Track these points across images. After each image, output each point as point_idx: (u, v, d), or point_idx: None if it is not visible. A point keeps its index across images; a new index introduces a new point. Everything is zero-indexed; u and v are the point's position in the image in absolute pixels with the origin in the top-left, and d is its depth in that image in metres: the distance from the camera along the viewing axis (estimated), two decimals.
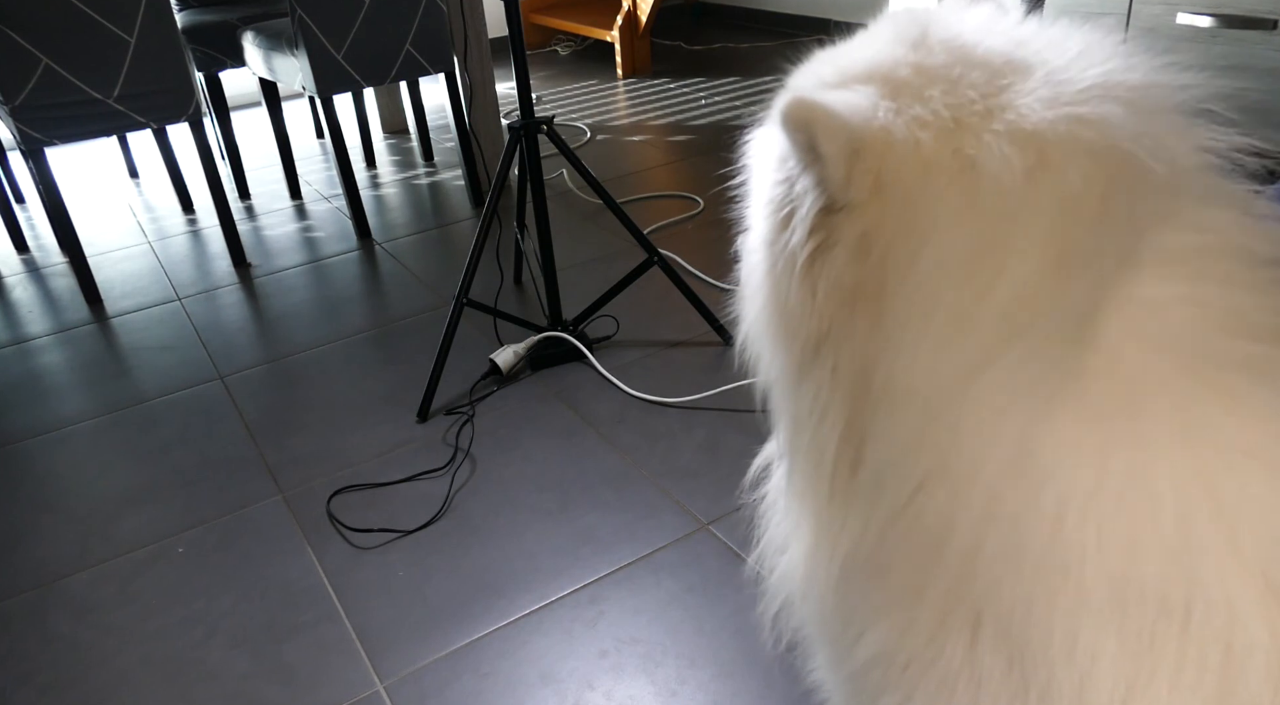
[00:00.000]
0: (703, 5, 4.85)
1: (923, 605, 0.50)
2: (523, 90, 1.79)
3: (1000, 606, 0.47)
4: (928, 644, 0.50)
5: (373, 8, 2.37)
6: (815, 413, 0.53)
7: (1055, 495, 0.45)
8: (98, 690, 1.25)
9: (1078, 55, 0.49)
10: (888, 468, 0.50)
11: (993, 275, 0.46)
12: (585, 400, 1.77)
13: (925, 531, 0.49)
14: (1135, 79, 0.48)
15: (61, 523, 1.58)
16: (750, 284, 0.58)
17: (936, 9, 0.54)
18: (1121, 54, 0.50)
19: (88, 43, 2.13)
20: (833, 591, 0.56)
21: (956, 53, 0.50)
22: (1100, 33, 0.51)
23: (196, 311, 2.27)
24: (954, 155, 0.47)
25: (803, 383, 0.53)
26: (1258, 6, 1.92)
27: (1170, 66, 0.49)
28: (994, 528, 0.46)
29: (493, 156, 2.75)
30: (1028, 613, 0.46)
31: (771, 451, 0.71)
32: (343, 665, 1.25)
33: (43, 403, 1.94)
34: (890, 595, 0.53)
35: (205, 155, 2.41)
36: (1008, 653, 0.48)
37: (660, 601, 1.30)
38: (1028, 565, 0.46)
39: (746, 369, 0.62)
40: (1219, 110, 0.49)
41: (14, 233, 2.72)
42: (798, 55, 0.56)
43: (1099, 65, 0.48)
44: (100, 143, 3.39)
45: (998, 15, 0.53)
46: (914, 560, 0.51)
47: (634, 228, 1.91)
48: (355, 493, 1.58)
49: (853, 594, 0.55)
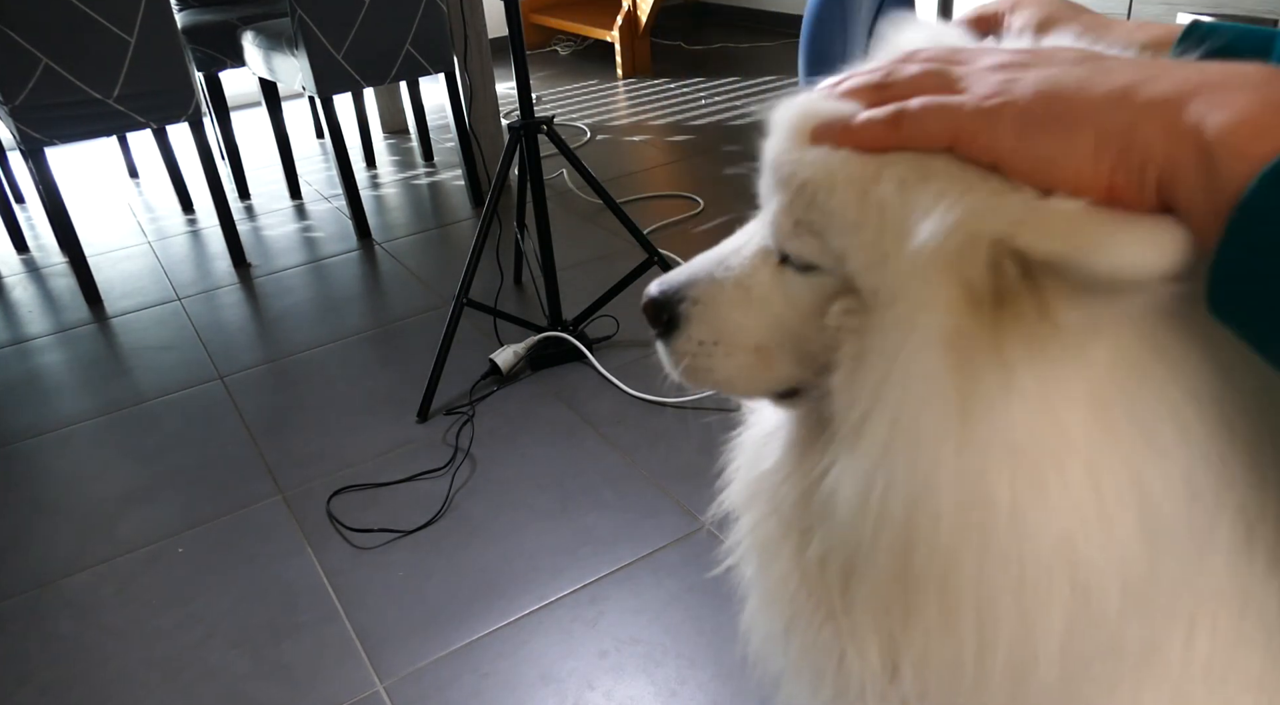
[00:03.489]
0: (703, 5, 4.85)
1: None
2: (523, 90, 1.79)
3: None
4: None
5: (373, 8, 2.36)
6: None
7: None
8: (98, 690, 1.25)
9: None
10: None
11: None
12: (585, 400, 1.77)
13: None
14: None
15: (61, 523, 1.58)
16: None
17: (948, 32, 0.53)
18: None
19: (88, 43, 2.13)
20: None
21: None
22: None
23: (196, 311, 2.27)
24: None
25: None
26: (1257, 7, 1.92)
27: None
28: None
29: (493, 156, 2.75)
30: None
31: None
32: (343, 665, 1.25)
33: (43, 403, 1.94)
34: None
35: (205, 155, 2.41)
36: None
37: (660, 601, 1.30)
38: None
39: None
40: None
41: (14, 233, 2.72)
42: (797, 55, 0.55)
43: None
44: (100, 143, 3.38)
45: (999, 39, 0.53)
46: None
47: (634, 228, 1.91)
48: (355, 493, 1.58)
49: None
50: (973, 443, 0.39)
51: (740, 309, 0.51)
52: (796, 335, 0.49)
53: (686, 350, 0.53)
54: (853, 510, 0.43)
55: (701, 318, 0.52)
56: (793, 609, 0.51)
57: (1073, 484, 0.39)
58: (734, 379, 0.53)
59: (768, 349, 0.51)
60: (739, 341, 0.51)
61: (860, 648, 0.47)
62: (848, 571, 0.46)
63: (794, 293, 0.48)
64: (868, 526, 0.43)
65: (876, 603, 0.45)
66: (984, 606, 0.41)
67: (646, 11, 3.82)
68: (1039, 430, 0.38)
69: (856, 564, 0.45)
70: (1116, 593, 0.40)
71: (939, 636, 0.43)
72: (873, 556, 0.43)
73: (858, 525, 0.43)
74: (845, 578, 0.46)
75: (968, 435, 0.39)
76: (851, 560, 0.45)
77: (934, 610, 0.43)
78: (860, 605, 0.46)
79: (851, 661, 0.47)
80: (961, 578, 0.41)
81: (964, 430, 0.39)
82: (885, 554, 0.43)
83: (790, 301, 0.48)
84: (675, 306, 0.53)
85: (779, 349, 0.50)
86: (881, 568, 0.43)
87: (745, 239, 0.52)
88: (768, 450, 0.56)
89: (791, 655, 0.54)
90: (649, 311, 0.54)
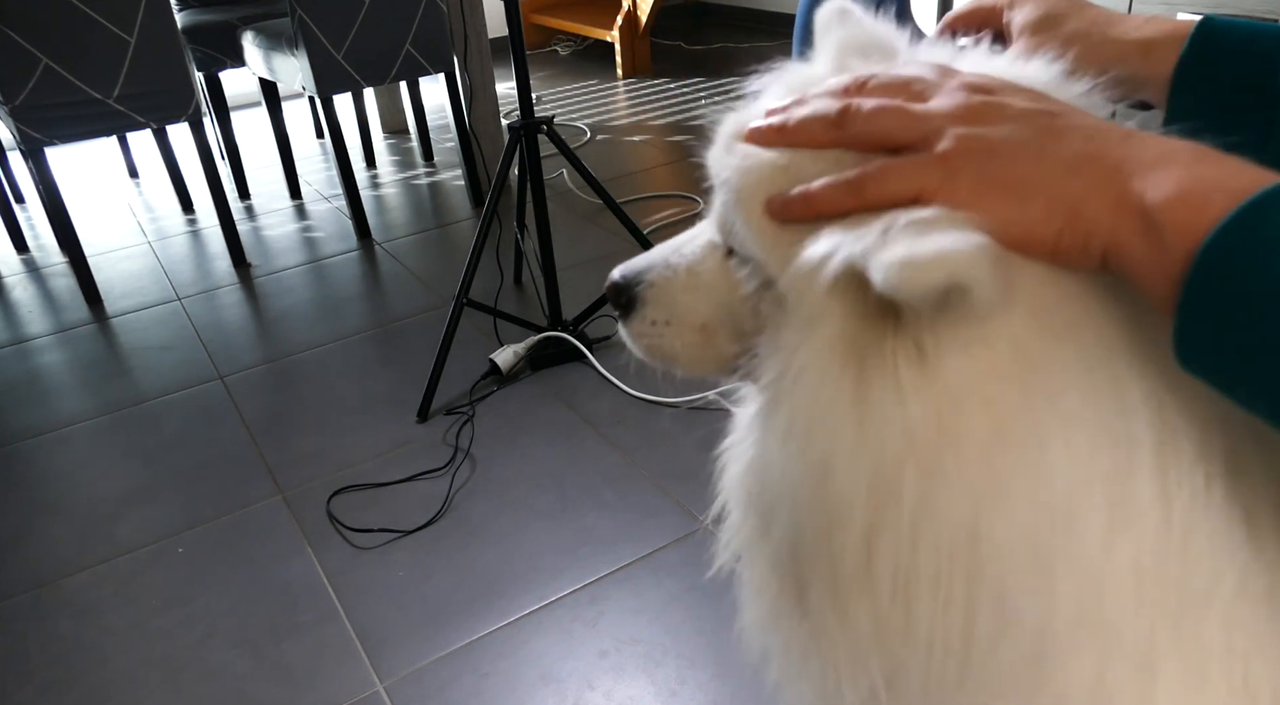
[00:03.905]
0: (703, 5, 4.85)
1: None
2: (523, 90, 1.79)
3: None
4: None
5: (373, 8, 2.36)
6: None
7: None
8: (98, 690, 1.25)
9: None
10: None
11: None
12: (585, 400, 1.77)
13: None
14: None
15: (61, 523, 1.58)
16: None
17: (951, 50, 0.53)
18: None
19: (88, 43, 2.13)
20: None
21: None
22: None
23: (196, 311, 2.27)
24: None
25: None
26: (1257, 7, 1.92)
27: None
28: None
29: (493, 156, 2.75)
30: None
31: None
32: (343, 665, 1.25)
33: (43, 403, 1.94)
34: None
35: (205, 155, 2.41)
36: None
37: (660, 601, 1.30)
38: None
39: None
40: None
41: (14, 233, 2.72)
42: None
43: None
44: (100, 143, 3.38)
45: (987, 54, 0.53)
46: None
47: (634, 228, 1.91)
48: (355, 493, 1.58)
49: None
50: (869, 436, 0.42)
51: (690, 292, 0.56)
52: (736, 316, 0.53)
53: (642, 330, 0.58)
54: (774, 500, 0.47)
55: (656, 299, 0.57)
56: (775, 604, 0.53)
57: (971, 471, 0.41)
58: (682, 355, 0.58)
59: (712, 328, 0.55)
60: (688, 321, 0.56)
61: (826, 638, 0.48)
62: (799, 565, 0.48)
63: (735, 280, 0.52)
64: (791, 515, 0.46)
65: (825, 591, 0.47)
66: (914, 587, 0.43)
67: (646, 11, 3.82)
68: (932, 423, 0.41)
69: (799, 556, 0.47)
70: (1027, 571, 0.42)
71: (885, 619, 0.45)
72: (803, 546, 0.46)
73: (785, 514, 0.46)
74: (802, 571, 0.48)
75: (864, 430, 0.42)
76: (795, 553, 0.47)
77: (871, 594, 0.44)
78: (815, 596, 0.48)
79: (823, 653, 0.49)
80: (883, 560, 0.43)
81: (860, 426, 0.42)
82: (810, 542, 0.45)
83: (732, 288, 0.53)
84: (633, 289, 0.58)
85: (721, 328, 0.55)
86: (814, 557, 0.46)
87: (699, 230, 0.57)
88: (743, 452, 0.58)
89: (778, 650, 0.56)
90: (610, 293, 0.59)
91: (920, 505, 0.42)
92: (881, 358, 0.41)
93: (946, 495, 0.41)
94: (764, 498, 0.50)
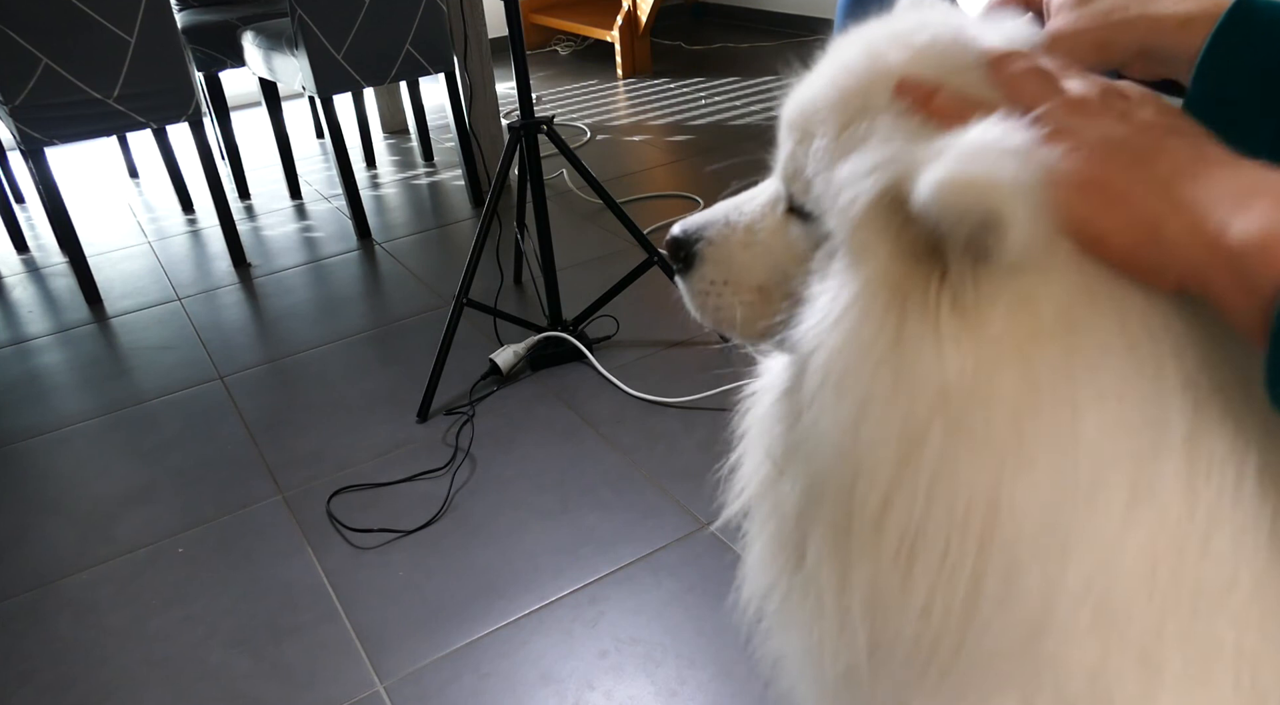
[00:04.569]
0: (703, 5, 4.85)
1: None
2: (523, 90, 1.79)
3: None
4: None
5: (373, 8, 2.36)
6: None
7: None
8: (98, 690, 1.25)
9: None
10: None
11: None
12: (585, 400, 1.77)
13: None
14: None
15: (61, 523, 1.58)
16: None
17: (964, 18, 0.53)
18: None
19: (88, 43, 2.13)
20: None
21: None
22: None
23: (196, 311, 2.27)
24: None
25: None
26: None
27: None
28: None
29: (493, 156, 2.75)
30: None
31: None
32: (343, 665, 1.25)
33: (43, 403, 1.94)
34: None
35: (205, 155, 2.41)
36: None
37: (660, 601, 1.30)
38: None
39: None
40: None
41: (14, 233, 2.72)
42: (798, 55, 0.55)
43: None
44: (100, 143, 3.38)
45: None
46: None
47: (634, 228, 1.91)
48: (355, 493, 1.58)
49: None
50: (904, 384, 0.41)
51: (748, 251, 0.55)
52: (790, 277, 0.52)
53: (701, 288, 0.57)
54: (800, 445, 0.46)
55: (714, 258, 0.57)
56: (779, 561, 0.53)
57: (998, 433, 0.40)
58: (740, 316, 0.56)
59: (768, 289, 0.54)
60: (744, 281, 0.56)
61: (820, 597, 0.48)
62: (808, 515, 0.47)
63: (792, 238, 0.52)
64: (815, 462, 0.45)
65: (829, 546, 0.46)
66: (919, 550, 0.42)
67: (646, 11, 3.82)
68: (967, 378, 0.40)
69: (813, 505, 0.46)
70: (1041, 543, 0.41)
71: (883, 581, 0.44)
72: (823, 495, 0.45)
73: (808, 461, 0.45)
74: (808, 522, 0.47)
75: (900, 377, 0.41)
76: (810, 502, 0.47)
77: (876, 553, 0.43)
78: (816, 550, 0.47)
79: (818, 610, 0.49)
80: (896, 518, 0.42)
81: (896, 373, 0.41)
82: (833, 492, 0.44)
83: (789, 246, 0.52)
84: (692, 245, 0.58)
85: (776, 289, 0.54)
86: (831, 508, 0.45)
87: (761, 189, 0.56)
88: (767, 398, 0.58)
89: (775, 606, 0.56)
90: (669, 248, 0.59)
91: (941, 464, 0.41)
92: (925, 303, 0.41)
93: (969, 457, 0.41)
94: (787, 440, 0.49)
